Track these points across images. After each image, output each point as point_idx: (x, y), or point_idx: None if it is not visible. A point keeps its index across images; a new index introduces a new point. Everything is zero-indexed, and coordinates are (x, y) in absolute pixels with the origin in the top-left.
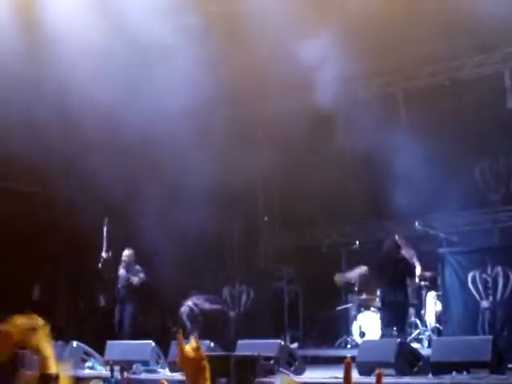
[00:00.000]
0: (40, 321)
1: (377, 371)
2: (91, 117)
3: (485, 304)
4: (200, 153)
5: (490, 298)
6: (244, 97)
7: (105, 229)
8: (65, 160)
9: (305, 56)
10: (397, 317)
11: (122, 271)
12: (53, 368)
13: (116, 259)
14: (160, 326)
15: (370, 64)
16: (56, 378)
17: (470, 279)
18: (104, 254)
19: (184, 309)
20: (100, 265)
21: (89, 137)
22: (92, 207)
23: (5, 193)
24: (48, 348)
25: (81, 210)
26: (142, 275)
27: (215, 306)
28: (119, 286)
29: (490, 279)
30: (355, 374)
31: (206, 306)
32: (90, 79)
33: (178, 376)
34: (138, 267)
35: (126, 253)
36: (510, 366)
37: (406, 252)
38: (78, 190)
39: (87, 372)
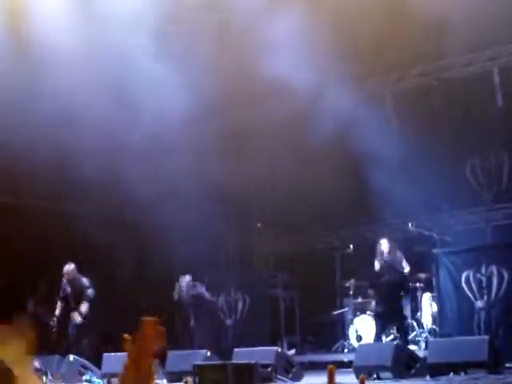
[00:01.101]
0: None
1: (361, 376)
2: (84, 128)
3: (479, 304)
4: (193, 161)
5: (485, 297)
6: (235, 105)
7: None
8: (58, 172)
9: (293, 61)
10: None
11: (67, 289)
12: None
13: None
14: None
15: (359, 66)
16: None
17: (463, 279)
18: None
19: (186, 279)
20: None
21: (84, 150)
22: (88, 219)
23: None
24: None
25: (76, 222)
26: (90, 290)
27: (212, 298)
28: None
29: (484, 278)
30: (352, 379)
31: (206, 292)
32: (84, 90)
33: None
34: (84, 280)
35: (68, 269)
36: (507, 365)
37: (393, 256)
38: (73, 202)
39: None
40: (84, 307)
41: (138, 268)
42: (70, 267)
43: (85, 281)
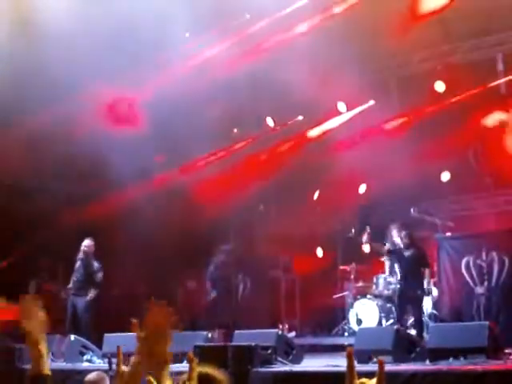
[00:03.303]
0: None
1: (378, 359)
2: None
3: (479, 290)
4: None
5: (485, 283)
6: (237, 84)
7: None
8: (61, 153)
9: (295, 44)
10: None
11: (79, 263)
12: (46, 368)
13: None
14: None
15: (363, 51)
16: (47, 377)
17: (463, 265)
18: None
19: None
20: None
21: (85, 131)
22: (89, 200)
23: (1, 187)
24: (43, 346)
25: (79, 202)
26: (99, 274)
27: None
28: (75, 278)
29: (484, 265)
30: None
31: None
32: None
33: (174, 367)
34: (96, 263)
35: (87, 243)
36: (506, 351)
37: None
38: (75, 182)
39: (85, 365)
40: (91, 293)
41: (139, 251)
42: (90, 242)
43: (96, 264)
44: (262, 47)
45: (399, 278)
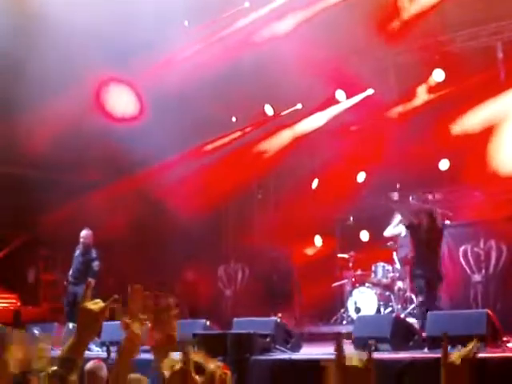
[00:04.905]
0: None
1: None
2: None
3: (476, 277)
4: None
5: (483, 271)
6: (235, 72)
7: None
8: (57, 143)
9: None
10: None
11: (77, 252)
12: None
13: None
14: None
15: (362, 39)
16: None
17: (461, 253)
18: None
19: None
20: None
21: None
22: (85, 188)
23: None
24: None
25: (78, 192)
26: (97, 263)
27: None
28: (74, 268)
29: (482, 252)
30: (351, 350)
31: None
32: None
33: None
34: (93, 250)
35: (84, 233)
36: (504, 338)
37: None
38: (74, 172)
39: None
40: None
41: (137, 242)
42: (88, 232)
43: (93, 252)
44: (261, 36)
45: (412, 257)
